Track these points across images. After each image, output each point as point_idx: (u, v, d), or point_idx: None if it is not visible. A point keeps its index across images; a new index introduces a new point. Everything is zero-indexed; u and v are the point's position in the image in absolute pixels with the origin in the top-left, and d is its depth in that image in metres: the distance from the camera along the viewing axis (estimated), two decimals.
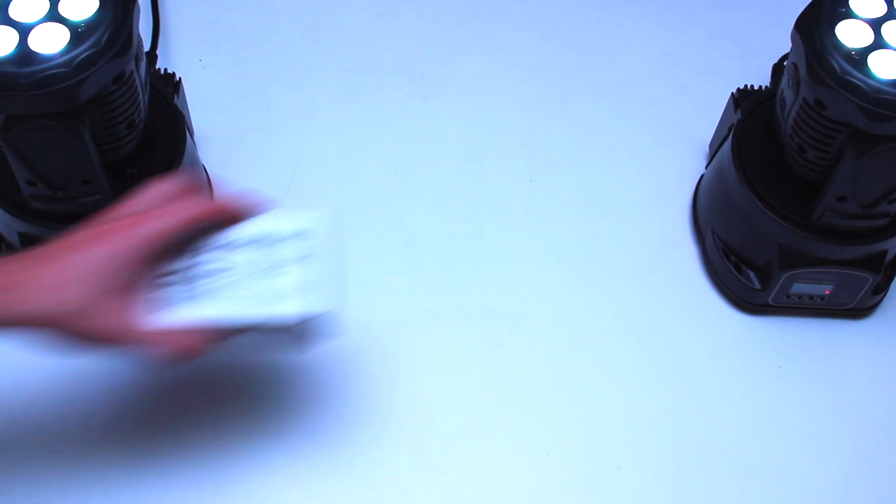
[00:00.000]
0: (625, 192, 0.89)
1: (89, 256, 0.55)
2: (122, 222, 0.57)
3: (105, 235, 0.56)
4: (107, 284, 0.55)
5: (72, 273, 0.55)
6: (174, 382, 0.76)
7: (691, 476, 0.75)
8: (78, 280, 0.55)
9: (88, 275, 0.55)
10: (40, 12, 0.64)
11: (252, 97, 0.93)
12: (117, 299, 0.56)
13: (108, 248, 0.56)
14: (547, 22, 1.00)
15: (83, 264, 0.55)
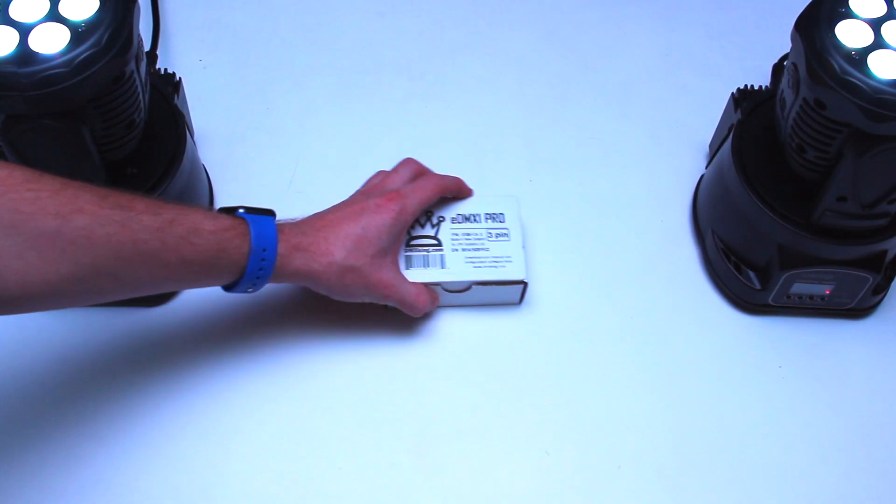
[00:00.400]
0: (625, 192, 0.89)
1: (355, 227, 0.72)
2: (381, 199, 0.74)
3: (369, 210, 0.73)
4: (371, 249, 0.72)
5: (343, 240, 0.71)
6: (173, 380, 0.76)
7: (691, 476, 0.75)
8: (348, 245, 0.71)
9: (357, 241, 0.72)
10: (40, 12, 0.64)
11: (252, 97, 0.93)
12: (379, 260, 0.73)
13: (373, 219, 0.73)
14: (547, 22, 1.00)
15: (352, 233, 0.72)
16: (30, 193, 0.56)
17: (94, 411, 0.74)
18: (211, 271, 0.66)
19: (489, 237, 0.79)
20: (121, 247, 0.60)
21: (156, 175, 0.75)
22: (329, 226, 0.72)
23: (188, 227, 0.63)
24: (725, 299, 0.83)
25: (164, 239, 0.62)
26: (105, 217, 0.59)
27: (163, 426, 0.74)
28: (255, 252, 0.66)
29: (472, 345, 0.80)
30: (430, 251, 0.78)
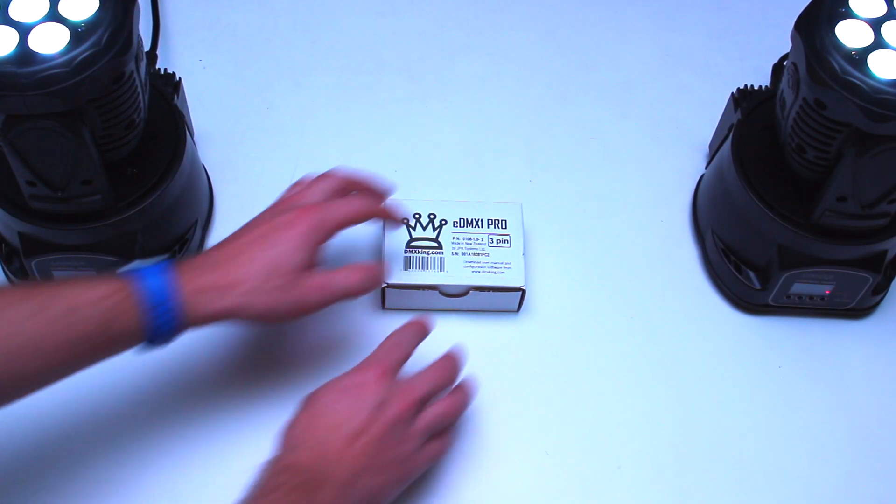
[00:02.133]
0: (625, 192, 0.89)
1: (266, 251, 0.66)
2: (292, 214, 0.68)
3: (279, 227, 0.67)
4: (288, 266, 0.66)
5: (256, 265, 0.65)
6: (174, 384, 0.76)
7: (691, 476, 0.75)
8: (264, 269, 0.65)
9: (271, 263, 0.65)
10: (40, 12, 0.64)
11: (252, 97, 0.93)
12: (302, 275, 0.66)
13: (283, 237, 0.66)
14: (547, 22, 1.00)
15: (264, 257, 0.65)
16: None
17: (94, 411, 0.74)
18: (106, 346, 0.61)
19: (490, 243, 0.79)
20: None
21: (156, 175, 0.75)
22: (236, 254, 0.66)
23: (63, 307, 0.59)
24: (725, 299, 0.83)
25: (41, 324, 0.58)
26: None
27: (161, 425, 0.74)
28: (148, 311, 0.61)
29: (472, 345, 0.79)
30: (429, 253, 0.78)
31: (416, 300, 0.77)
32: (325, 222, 0.68)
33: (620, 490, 0.74)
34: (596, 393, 0.78)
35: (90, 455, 0.73)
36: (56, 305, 0.59)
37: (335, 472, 0.61)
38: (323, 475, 0.61)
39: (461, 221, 0.80)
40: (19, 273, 0.77)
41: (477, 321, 0.80)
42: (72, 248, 0.74)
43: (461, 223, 0.80)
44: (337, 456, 0.62)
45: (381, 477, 0.64)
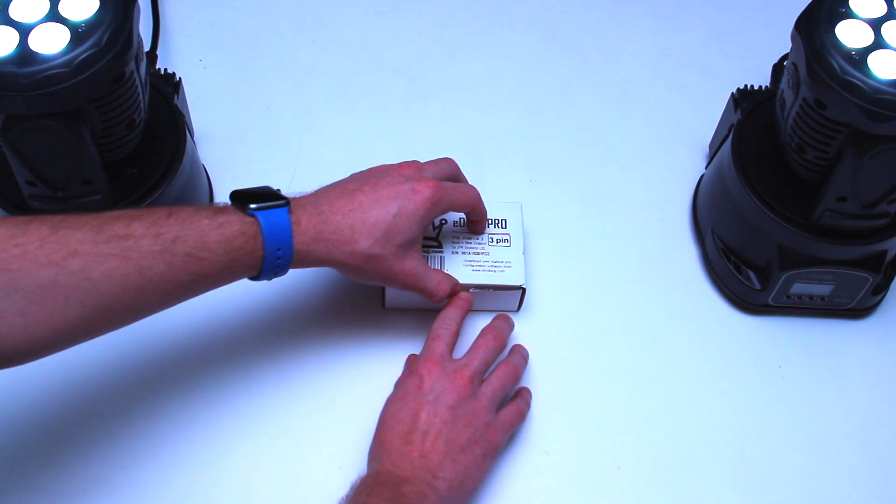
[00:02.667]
0: (625, 192, 0.89)
1: (386, 214, 0.68)
2: (420, 185, 0.70)
3: (405, 194, 0.69)
4: (399, 238, 0.69)
5: (371, 228, 0.68)
6: (173, 381, 0.76)
7: (691, 476, 0.75)
8: (376, 234, 0.68)
9: (387, 230, 0.68)
10: (40, 12, 0.64)
11: (252, 97, 0.93)
12: (405, 250, 0.69)
13: (407, 205, 0.69)
14: (547, 22, 1.00)
15: (382, 221, 0.68)
16: (16, 249, 0.55)
17: (94, 410, 0.74)
18: (225, 278, 0.64)
19: (490, 242, 0.79)
20: (125, 279, 0.58)
21: (156, 175, 0.75)
22: (358, 210, 0.68)
23: (193, 244, 0.61)
24: (725, 299, 0.83)
25: (170, 261, 0.60)
26: (102, 253, 0.57)
27: (162, 425, 0.74)
28: (268, 254, 0.64)
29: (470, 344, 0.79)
30: (429, 252, 0.78)
31: (417, 299, 0.77)
32: (444, 200, 0.71)
33: (620, 490, 0.74)
34: (596, 393, 0.78)
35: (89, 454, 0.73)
36: (187, 241, 0.61)
37: (416, 470, 0.65)
38: (405, 475, 0.64)
39: (461, 221, 0.80)
40: None
41: (477, 321, 0.80)
42: None
43: (461, 223, 0.80)
44: (413, 456, 0.65)
45: (463, 460, 0.67)
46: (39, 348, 0.57)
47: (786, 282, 0.78)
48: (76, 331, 0.58)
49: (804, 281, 0.78)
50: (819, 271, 0.77)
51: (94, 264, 0.57)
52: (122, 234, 0.59)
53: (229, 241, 0.63)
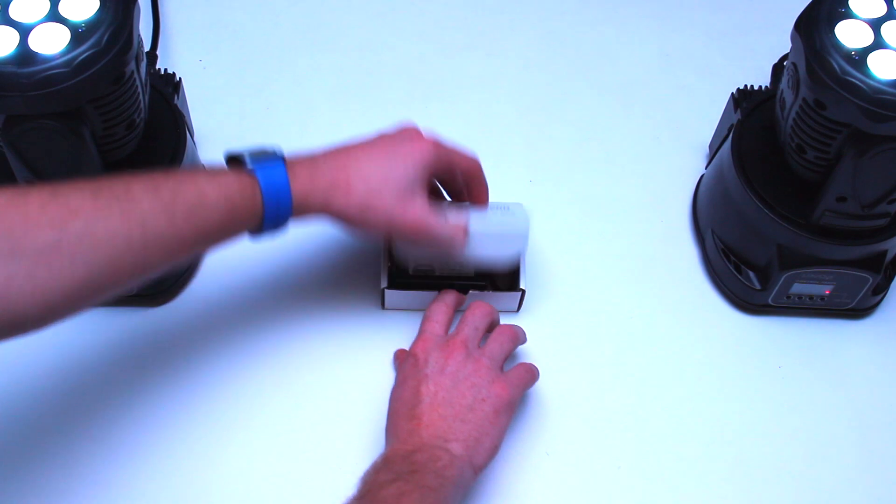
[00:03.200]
0: (625, 192, 0.89)
1: (381, 164, 0.68)
2: (415, 142, 0.69)
3: (400, 148, 0.69)
4: (397, 186, 0.68)
5: (367, 177, 0.67)
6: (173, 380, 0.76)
7: (691, 476, 0.75)
8: (372, 183, 0.67)
9: (382, 179, 0.68)
10: (41, 12, 0.64)
11: (252, 97, 0.93)
12: (407, 199, 0.68)
13: (403, 158, 0.68)
14: (547, 22, 1.00)
15: (377, 170, 0.68)
16: (18, 214, 0.55)
17: (94, 411, 0.74)
18: (226, 234, 0.65)
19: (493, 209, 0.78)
20: (128, 236, 0.59)
21: None
22: (353, 161, 0.68)
23: (192, 200, 0.62)
24: (725, 299, 0.83)
25: (171, 217, 0.61)
26: (102, 212, 0.58)
27: (163, 426, 0.74)
28: (268, 207, 0.65)
29: None
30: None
31: (416, 301, 0.77)
32: (444, 158, 0.71)
33: (620, 490, 0.74)
34: (596, 393, 0.78)
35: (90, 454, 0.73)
36: (186, 198, 0.61)
37: (426, 442, 0.65)
38: (414, 449, 0.65)
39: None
40: None
41: None
42: None
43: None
44: (423, 431, 0.66)
45: (472, 419, 0.67)
46: (51, 312, 0.57)
47: (786, 282, 0.78)
48: (85, 291, 0.58)
49: (804, 281, 0.78)
50: (819, 271, 0.77)
51: (96, 223, 0.57)
52: (121, 195, 0.59)
53: (229, 196, 0.63)
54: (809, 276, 0.77)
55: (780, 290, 0.79)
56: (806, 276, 0.77)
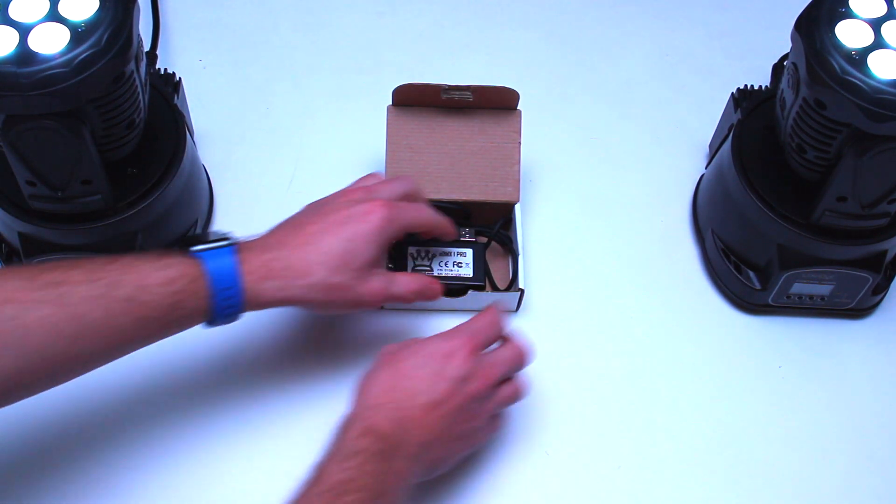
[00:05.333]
0: (625, 192, 0.89)
1: (339, 241, 0.66)
2: (370, 205, 0.67)
3: (355, 218, 0.67)
4: (357, 262, 0.66)
5: (325, 257, 0.65)
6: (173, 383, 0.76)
7: (691, 476, 0.75)
8: (331, 263, 0.65)
9: (342, 256, 0.65)
10: (40, 12, 0.64)
11: (252, 97, 0.93)
12: (366, 272, 0.67)
13: (360, 228, 0.66)
14: (547, 22, 1.00)
15: (336, 248, 0.65)
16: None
17: (94, 413, 0.74)
18: (172, 324, 0.62)
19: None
20: (59, 326, 0.57)
21: (156, 175, 0.75)
22: (309, 241, 0.66)
23: (133, 287, 0.59)
24: (725, 299, 0.83)
25: (108, 305, 0.58)
26: (35, 299, 0.56)
27: (163, 428, 0.74)
28: (215, 295, 0.62)
29: None
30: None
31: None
32: (398, 220, 0.68)
33: (620, 490, 0.74)
34: (596, 393, 0.78)
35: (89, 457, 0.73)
36: (124, 287, 0.59)
37: (411, 440, 0.62)
38: (399, 442, 0.62)
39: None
40: None
41: None
42: (72, 248, 0.74)
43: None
44: (414, 424, 0.63)
45: (449, 447, 0.66)
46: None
47: (786, 282, 0.78)
48: (14, 382, 0.57)
49: (804, 281, 0.78)
50: (819, 271, 0.77)
51: (28, 311, 0.56)
52: (58, 281, 0.58)
53: (171, 282, 0.61)
54: (809, 276, 0.77)
55: (780, 289, 0.79)
56: (806, 276, 0.77)
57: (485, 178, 0.80)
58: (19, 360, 0.56)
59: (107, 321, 0.59)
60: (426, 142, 0.80)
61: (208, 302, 0.62)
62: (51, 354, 0.57)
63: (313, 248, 0.65)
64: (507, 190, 0.81)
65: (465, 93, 0.78)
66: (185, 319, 0.63)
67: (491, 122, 0.80)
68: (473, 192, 0.79)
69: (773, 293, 0.79)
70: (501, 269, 0.82)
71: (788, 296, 0.80)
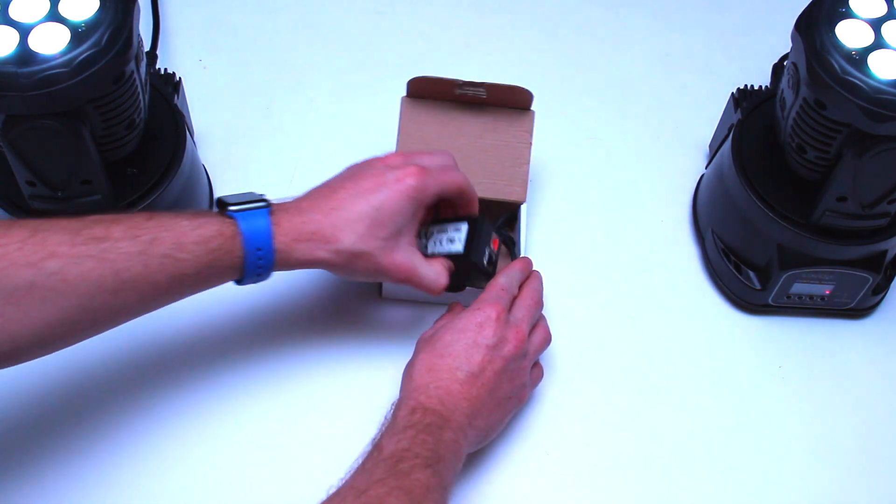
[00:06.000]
0: (625, 192, 0.89)
1: (369, 207, 0.67)
2: (402, 172, 0.68)
3: (388, 184, 0.67)
4: (384, 231, 0.67)
5: (354, 224, 0.66)
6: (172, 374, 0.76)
7: (691, 476, 0.75)
8: (359, 230, 0.66)
9: (370, 224, 0.66)
10: (40, 12, 0.64)
11: (252, 97, 0.93)
12: (393, 242, 0.68)
13: (390, 195, 0.67)
14: (547, 22, 1.00)
15: (365, 215, 0.66)
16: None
17: (92, 413, 0.74)
18: (206, 280, 0.64)
19: None
20: (101, 280, 0.59)
21: (156, 175, 0.75)
22: (339, 207, 0.67)
23: (170, 244, 0.61)
24: (725, 299, 0.83)
25: (146, 262, 0.60)
26: (78, 254, 0.58)
27: (161, 420, 0.74)
28: (248, 254, 0.64)
29: None
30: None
31: (415, 291, 0.76)
32: (430, 185, 0.69)
33: (620, 490, 0.74)
34: (596, 393, 0.78)
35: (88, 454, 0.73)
36: (162, 244, 0.61)
37: (457, 412, 0.66)
38: (447, 415, 0.65)
39: None
40: None
41: None
42: None
43: None
44: (459, 397, 0.66)
45: (497, 411, 0.69)
46: (19, 350, 0.58)
47: (786, 282, 0.78)
48: (55, 332, 0.59)
49: (804, 281, 0.78)
50: (819, 271, 0.77)
51: (71, 266, 0.58)
52: (99, 237, 0.59)
53: (207, 241, 0.63)
54: (809, 276, 0.77)
55: (780, 289, 0.79)
56: (806, 276, 0.77)
57: (493, 176, 0.80)
58: (62, 313, 0.58)
59: (145, 276, 0.60)
60: (438, 135, 0.80)
61: (242, 261, 0.64)
62: (92, 307, 0.59)
63: (344, 213, 0.67)
64: (514, 189, 0.81)
65: (478, 89, 0.78)
66: (219, 276, 0.65)
67: (504, 121, 0.80)
68: (481, 188, 0.79)
69: (773, 293, 0.79)
70: (502, 267, 0.82)
71: (788, 296, 0.80)
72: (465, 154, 0.80)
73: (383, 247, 0.67)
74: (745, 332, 0.82)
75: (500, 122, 0.80)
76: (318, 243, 0.66)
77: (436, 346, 0.69)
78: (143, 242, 0.60)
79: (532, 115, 0.81)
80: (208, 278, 0.64)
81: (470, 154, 0.81)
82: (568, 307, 0.82)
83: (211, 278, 0.64)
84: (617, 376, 0.79)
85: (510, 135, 0.81)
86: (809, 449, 0.77)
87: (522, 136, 0.81)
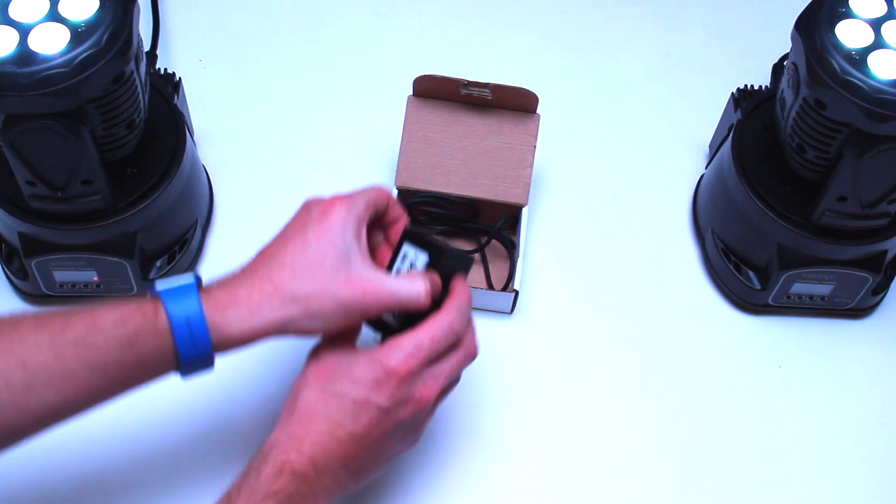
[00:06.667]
0: (625, 192, 0.89)
1: (301, 245, 0.59)
2: (324, 204, 0.61)
3: (313, 220, 0.60)
4: (329, 260, 0.58)
5: (291, 266, 0.58)
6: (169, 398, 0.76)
7: (691, 476, 0.75)
8: (298, 269, 0.58)
9: (308, 260, 0.58)
10: (40, 12, 0.64)
11: (252, 97, 0.93)
12: (343, 268, 0.59)
13: (320, 226, 0.59)
14: (547, 22, 1.00)
15: (299, 254, 0.59)
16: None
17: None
18: (134, 371, 0.56)
19: None
20: (7, 374, 0.52)
21: (156, 175, 0.75)
22: (269, 257, 0.59)
23: (84, 329, 0.54)
24: (725, 299, 0.83)
25: (57, 350, 0.54)
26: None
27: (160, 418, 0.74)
28: (177, 331, 0.56)
29: None
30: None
31: None
32: (357, 199, 0.62)
33: (620, 490, 0.74)
34: (596, 393, 0.78)
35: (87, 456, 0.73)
36: (74, 329, 0.55)
37: (327, 475, 0.58)
38: (315, 480, 0.57)
39: None
40: (19, 273, 0.77)
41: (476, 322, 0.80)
42: (72, 248, 0.74)
43: None
44: (334, 459, 0.58)
45: (378, 469, 0.62)
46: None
47: (786, 282, 0.78)
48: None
49: (804, 281, 0.78)
50: (819, 271, 0.77)
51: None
52: (7, 327, 0.54)
53: (125, 320, 0.55)
54: (809, 276, 0.77)
55: (780, 289, 0.79)
56: (806, 275, 0.77)
57: (496, 178, 0.80)
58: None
59: (57, 366, 0.54)
60: (442, 135, 0.80)
61: (171, 342, 0.56)
62: (1, 408, 0.53)
63: (275, 263, 0.59)
64: (516, 192, 0.81)
65: (483, 90, 0.79)
66: (149, 365, 0.57)
67: (509, 123, 0.80)
68: (483, 190, 0.79)
69: (773, 293, 0.79)
70: (501, 269, 0.82)
71: (788, 296, 0.80)
72: (469, 155, 0.80)
73: (334, 279, 0.58)
74: (745, 332, 0.82)
75: (505, 124, 0.80)
76: (256, 303, 0.57)
77: (326, 387, 0.59)
78: (52, 330, 0.54)
79: (538, 118, 0.81)
80: (136, 367, 0.56)
81: (473, 155, 0.81)
82: (568, 307, 0.82)
83: (139, 368, 0.56)
84: (617, 376, 0.79)
85: (515, 137, 0.81)
86: (809, 449, 0.77)
87: (527, 139, 0.81)
